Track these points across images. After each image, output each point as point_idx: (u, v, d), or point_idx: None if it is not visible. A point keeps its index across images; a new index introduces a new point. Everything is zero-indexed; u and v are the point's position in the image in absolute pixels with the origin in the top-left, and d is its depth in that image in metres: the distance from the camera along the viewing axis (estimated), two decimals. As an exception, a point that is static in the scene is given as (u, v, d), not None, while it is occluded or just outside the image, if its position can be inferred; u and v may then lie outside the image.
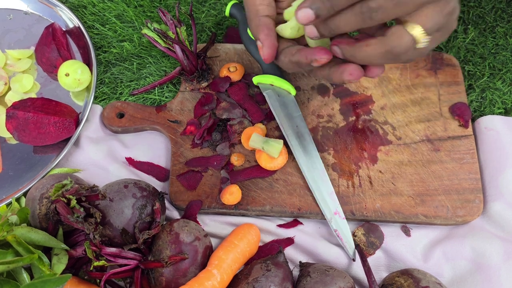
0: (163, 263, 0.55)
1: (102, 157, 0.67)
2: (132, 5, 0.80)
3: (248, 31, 0.68)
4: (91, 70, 0.73)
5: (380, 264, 0.62)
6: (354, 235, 0.63)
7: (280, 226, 0.64)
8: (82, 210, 0.56)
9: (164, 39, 0.70)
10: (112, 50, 0.76)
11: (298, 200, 0.64)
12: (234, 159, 0.66)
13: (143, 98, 0.73)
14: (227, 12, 0.72)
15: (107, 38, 0.78)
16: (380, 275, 0.61)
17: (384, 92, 0.71)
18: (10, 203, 0.64)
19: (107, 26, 0.78)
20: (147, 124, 0.69)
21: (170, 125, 0.69)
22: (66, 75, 0.70)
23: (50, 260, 0.56)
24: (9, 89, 0.73)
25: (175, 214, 0.64)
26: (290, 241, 0.63)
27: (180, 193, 0.65)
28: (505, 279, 0.59)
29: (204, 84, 0.71)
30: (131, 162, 0.68)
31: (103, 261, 0.55)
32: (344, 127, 0.69)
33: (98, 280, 0.59)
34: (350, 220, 0.64)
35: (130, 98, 0.73)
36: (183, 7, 0.79)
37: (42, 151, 0.69)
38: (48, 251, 0.56)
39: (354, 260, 0.61)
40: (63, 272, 0.55)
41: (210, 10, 0.79)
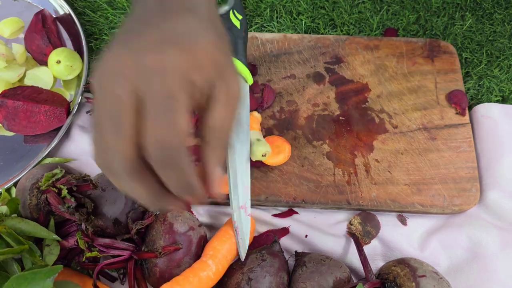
0: (157, 254, 0.54)
1: (94, 146, 0.66)
2: (123, -9, 0.78)
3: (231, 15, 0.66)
4: (82, 58, 0.71)
5: (376, 254, 0.62)
6: (350, 224, 0.62)
7: (275, 215, 0.63)
8: (73, 200, 0.55)
9: None
10: (103, 37, 0.75)
11: (294, 189, 0.63)
12: (228, 148, 0.65)
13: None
14: None
15: (98, 25, 0.76)
16: (376, 264, 0.61)
17: (380, 80, 0.70)
18: (0, 194, 0.63)
19: (98, 12, 0.77)
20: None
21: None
22: (57, 62, 0.69)
23: (42, 251, 0.55)
24: None
25: (169, 204, 0.63)
26: (285, 230, 0.62)
27: (173, 182, 0.64)
28: (501, 268, 0.59)
29: None
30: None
31: (96, 252, 0.54)
32: (339, 115, 0.68)
33: (91, 271, 0.58)
34: (346, 209, 0.63)
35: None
36: None
37: (33, 140, 0.68)
38: (39, 242, 0.56)
39: (242, 260, 0.56)
40: (55, 263, 0.54)
41: None
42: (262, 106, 0.68)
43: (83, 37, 0.73)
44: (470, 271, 0.59)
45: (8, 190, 0.64)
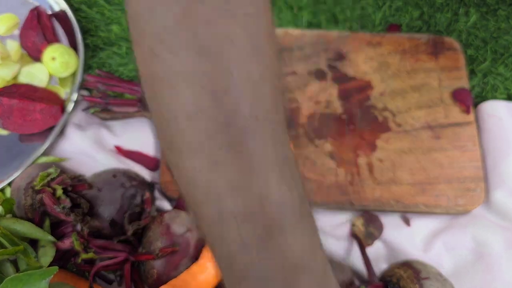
0: (154, 255, 0.53)
1: (90, 145, 0.65)
2: (121, -13, 0.77)
3: None
4: (78, 54, 0.70)
5: (380, 255, 0.61)
6: (353, 225, 0.61)
7: (275, 216, 0.62)
8: (68, 200, 0.54)
9: None
10: (100, 33, 0.73)
11: (295, 189, 0.62)
12: (228, 147, 0.64)
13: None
14: None
15: (94, 21, 0.75)
16: (379, 266, 0.60)
17: (383, 77, 0.69)
18: (-5, 194, 0.62)
19: (94, 9, 0.75)
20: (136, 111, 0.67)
21: (161, 112, 0.67)
22: (52, 59, 0.67)
23: (37, 252, 0.54)
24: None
25: (166, 205, 0.62)
26: (286, 231, 0.61)
27: (171, 183, 0.63)
28: (506, 268, 0.58)
29: None
30: (120, 150, 0.66)
31: (92, 253, 0.53)
32: (342, 113, 0.67)
33: (87, 273, 0.57)
34: (348, 210, 0.62)
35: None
36: None
37: (28, 139, 0.67)
38: (34, 243, 0.55)
39: None
40: (50, 264, 0.53)
41: None
42: (262, 104, 0.67)
43: (79, 33, 0.71)
44: (474, 273, 0.59)
45: (2, 190, 0.63)
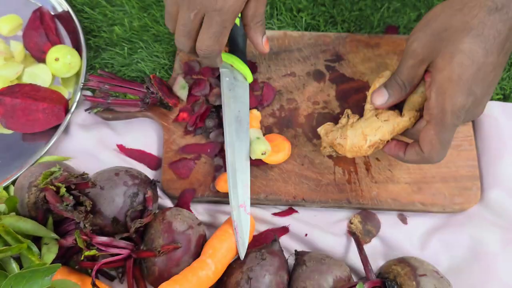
0: (156, 253, 0.54)
1: (93, 144, 0.66)
2: (122, -12, 0.77)
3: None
4: (80, 55, 0.71)
5: (377, 253, 0.61)
6: (350, 222, 0.62)
7: (275, 214, 0.63)
8: (71, 198, 0.55)
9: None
10: (102, 34, 0.74)
11: (293, 188, 0.63)
12: (228, 146, 0.65)
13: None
14: None
15: (97, 22, 0.76)
16: (376, 263, 0.61)
17: (381, 78, 0.70)
18: (-2, 192, 0.63)
19: (97, 9, 0.76)
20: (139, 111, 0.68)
21: (162, 111, 0.68)
22: (55, 59, 0.68)
23: (40, 249, 0.55)
24: None
25: (168, 203, 0.63)
26: (285, 229, 0.62)
27: (172, 181, 0.64)
28: (502, 266, 0.59)
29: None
30: (122, 149, 0.67)
31: (94, 250, 0.54)
32: (340, 113, 0.68)
33: (90, 270, 0.58)
34: (346, 208, 0.63)
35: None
36: None
37: (31, 138, 0.68)
38: (37, 241, 0.56)
39: (241, 259, 0.57)
40: (53, 261, 0.54)
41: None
42: (262, 104, 0.68)
43: (81, 34, 0.72)
44: (471, 270, 0.59)
45: (6, 189, 0.64)
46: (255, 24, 0.57)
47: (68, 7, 0.74)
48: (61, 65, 0.69)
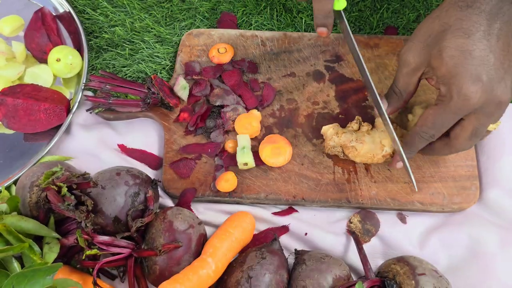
0: (157, 252, 0.54)
1: (94, 144, 0.66)
2: (123, -11, 0.78)
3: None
4: (82, 56, 0.71)
5: (376, 252, 0.62)
6: (350, 222, 0.62)
7: (275, 214, 0.63)
8: (73, 198, 0.55)
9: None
10: (103, 35, 0.75)
11: (293, 187, 0.63)
12: (228, 146, 0.65)
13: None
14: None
15: (98, 23, 0.76)
16: (376, 262, 0.61)
17: (380, 78, 0.70)
18: (0, 192, 0.63)
19: (98, 10, 0.77)
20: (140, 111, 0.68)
21: (163, 112, 0.68)
22: (57, 60, 0.69)
23: (41, 249, 0.55)
24: None
25: (169, 202, 0.63)
26: (285, 229, 0.62)
27: (173, 181, 0.64)
28: (501, 266, 0.59)
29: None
30: (123, 149, 0.67)
31: (96, 249, 0.54)
32: (339, 113, 0.68)
33: (91, 269, 0.58)
34: (345, 207, 0.63)
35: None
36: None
37: (33, 138, 0.68)
38: (39, 240, 0.56)
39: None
40: (55, 261, 0.54)
41: (204, -5, 0.78)
42: (262, 104, 0.68)
43: (83, 35, 0.72)
44: (469, 269, 0.60)
45: (8, 188, 0.64)
46: None
47: (69, 8, 0.74)
48: (62, 65, 0.69)
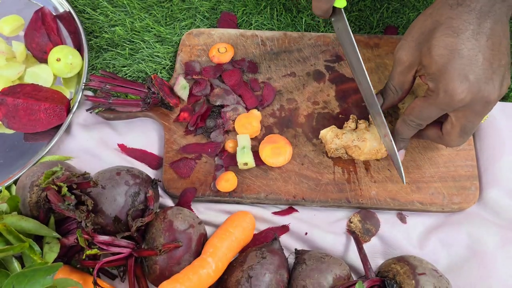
0: (157, 251, 0.54)
1: (94, 144, 0.66)
2: (123, -11, 0.78)
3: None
4: (82, 55, 0.71)
5: (376, 251, 0.62)
6: (350, 221, 0.62)
7: (275, 213, 0.63)
8: (73, 197, 0.55)
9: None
10: (103, 35, 0.75)
11: (293, 187, 0.63)
12: (228, 145, 0.65)
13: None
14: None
15: (98, 22, 0.76)
16: (376, 262, 0.61)
17: (380, 78, 0.70)
18: (0, 191, 0.63)
19: (98, 10, 0.77)
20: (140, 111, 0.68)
21: (163, 111, 0.68)
22: (57, 60, 0.69)
23: (42, 248, 0.55)
24: None
25: (169, 202, 0.64)
26: (285, 228, 0.62)
27: (173, 180, 0.64)
28: (501, 265, 0.59)
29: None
30: (123, 149, 0.67)
31: (96, 249, 0.54)
32: (339, 113, 0.68)
33: (91, 269, 0.58)
34: (345, 207, 0.64)
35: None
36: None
37: (33, 138, 0.68)
38: (39, 240, 0.56)
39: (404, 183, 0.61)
40: (55, 260, 0.54)
41: (204, -5, 0.78)
42: (262, 104, 0.68)
43: (83, 34, 0.72)
44: (469, 269, 0.60)
45: (8, 188, 0.64)
46: None
47: (69, 8, 0.74)
48: (62, 65, 0.69)
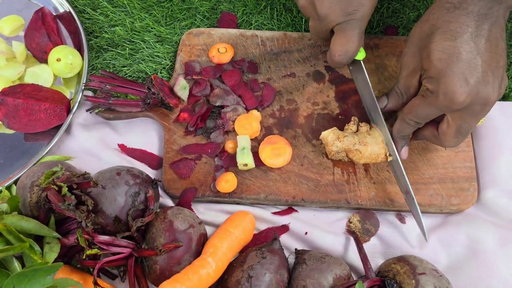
0: (157, 251, 0.55)
1: (94, 144, 0.66)
2: (123, -11, 0.78)
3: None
4: (82, 55, 0.71)
5: (376, 251, 0.62)
6: (349, 221, 0.63)
7: (275, 213, 0.64)
8: (73, 197, 0.55)
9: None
10: (103, 35, 0.75)
11: (293, 188, 0.64)
12: (228, 146, 0.66)
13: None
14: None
15: (98, 22, 0.76)
16: (376, 262, 0.61)
17: (380, 79, 0.70)
18: (0, 191, 0.63)
19: (98, 10, 0.77)
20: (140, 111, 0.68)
21: (163, 112, 0.68)
22: (57, 60, 0.69)
23: (42, 248, 0.55)
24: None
25: (169, 202, 0.64)
26: (285, 228, 0.63)
27: (173, 181, 0.64)
28: (500, 264, 0.59)
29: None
30: (123, 149, 0.67)
31: (96, 249, 0.54)
32: (339, 114, 0.68)
33: (91, 269, 0.58)
34: (345, 208, 0.64)
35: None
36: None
37: (33, 138, 0.68)
38: (39, 240, 0.56)
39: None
40: (55, 260, 0.54)
41: (204, -5, 0.78)
42: (262, 104, 0.68)
43: (83, 35, 0.72)
44: (469, 269, 0.60)
45: (8, 188, 0.64)
46: None
47: (69, 8, 0.75)
48: (62, 65, 0.69)
